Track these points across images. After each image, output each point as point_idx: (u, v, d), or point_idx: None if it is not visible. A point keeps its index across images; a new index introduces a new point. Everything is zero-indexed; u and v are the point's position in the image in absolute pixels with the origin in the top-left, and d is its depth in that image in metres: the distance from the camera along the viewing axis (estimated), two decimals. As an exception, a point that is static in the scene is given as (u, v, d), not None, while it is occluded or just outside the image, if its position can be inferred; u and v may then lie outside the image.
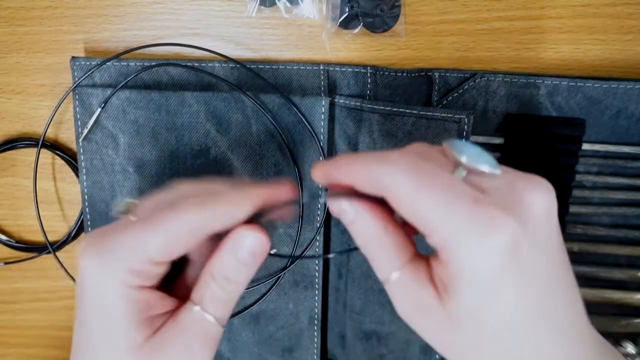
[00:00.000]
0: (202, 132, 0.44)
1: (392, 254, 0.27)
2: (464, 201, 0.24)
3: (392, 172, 0.25)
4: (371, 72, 0.45)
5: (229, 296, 0.30)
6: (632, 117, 0.44)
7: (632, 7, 0.44)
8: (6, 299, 0.53)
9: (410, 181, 0.24)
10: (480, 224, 0.23)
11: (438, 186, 0.24)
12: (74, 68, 0.45)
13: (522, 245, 0.23)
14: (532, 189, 0.25)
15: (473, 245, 0.23)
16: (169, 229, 0.28)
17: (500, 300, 0.24)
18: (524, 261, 0.24)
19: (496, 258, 0.23)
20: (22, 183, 0.50)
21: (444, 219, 0.24)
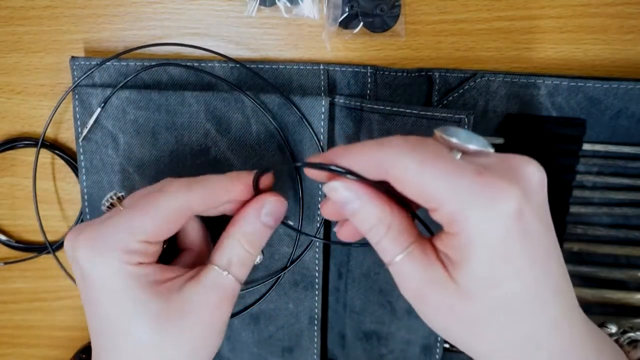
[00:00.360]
0: (202, 132, 0.44)
1: (398, 236, 0.28)
2: (469, 174, 0.25)
3: (396, 153, 0.26)
4: (371, 72, 0.45)
5: (249, 257, 0.33)
6: (633, 117, 0.44)
7: (632, 7, 0.44)
8: (6, 299, 0.53)
9: (415, 159, 0.25)
10: (486, 192, 0.24)
11: (442, 162, 0.25)
12: (74, 68, 0.45)
13: (525, 211, 0.25)
14: (526, 163, 0.27)
15: (481, 212, 0.24)
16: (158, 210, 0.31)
17: (509, 263, 0.25)
18: (528, 225, 0.25)
19: (504, 222, 0.24)
20: (22, 183, 0.50)
21: (451, 191, 0.25)
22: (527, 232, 0.25)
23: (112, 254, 0.30)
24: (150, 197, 0.32)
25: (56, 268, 0.49)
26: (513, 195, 0.24)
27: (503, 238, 0.25)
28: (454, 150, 0.27)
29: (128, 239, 0.30)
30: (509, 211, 0.24)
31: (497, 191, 0.24)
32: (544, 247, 0.26)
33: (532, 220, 0.25)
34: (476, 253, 0.25)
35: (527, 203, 0.25)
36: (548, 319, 0.26)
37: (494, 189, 0.24)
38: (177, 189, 0.32)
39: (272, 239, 0.45)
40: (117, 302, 0.30)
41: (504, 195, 0.24)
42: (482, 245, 0.25)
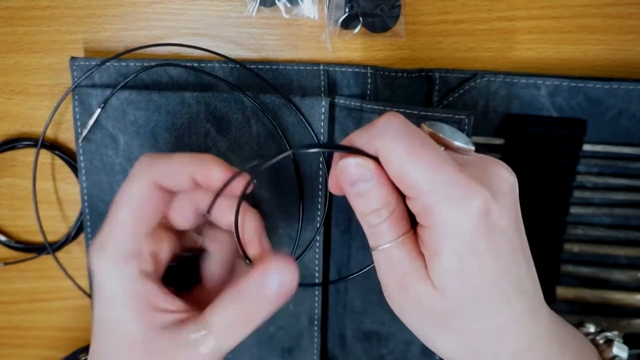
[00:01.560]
0: (202, 132, 0.44)
1: (397, 223, 0.29)
2: (450, 169, 0.26)
3: (387, 135, 0.27)
4: (371, 72, 0.45)
5: (241, 328, 0.30)
6: (634, 117, 0.44)
7: (632, 7, 0.44)
8: (5, 300, 0.53)
9: (404, 145, 0.27)
10: (462, 189, 0.26)
11: (428, 153, 0.27)
12: (74, 68, 0.45)
13: (492, 211, 0.26)
14: (500, 168, 0.28)
15: (454, 207, 0.26)
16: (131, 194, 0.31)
17: (476, 257, 0.27)
18: (494, 224, 0.27)
19: (472, 219, 0.26)
20: (22, 183, 0.50)
21: (431, 183, 0.26)
22: (493, 230, 0.27)
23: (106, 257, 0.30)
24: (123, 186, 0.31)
25: (56, 268, 0.49)
26: (483, 195, 0.26)
27: (471, 233, 0.26)
28: None
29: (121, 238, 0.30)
30: (478, 209, 0.26)
31: (471, 190, 0.26)
32: (510, 245, 0.28)
33: (498, 220, 0.27)
34: (447, 245, 0.27)
35: (495, 204, 0.27)
36: (513, 315, 0.28)
37: (468, 188, 0.26)
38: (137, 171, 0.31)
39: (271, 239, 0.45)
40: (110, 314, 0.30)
41: (475, 194, 0.26)
42: (452, 238, 0.27)
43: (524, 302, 0.28)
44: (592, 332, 0.36)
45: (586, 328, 0.37)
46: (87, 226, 0.47)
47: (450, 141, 0.29)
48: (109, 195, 0.46)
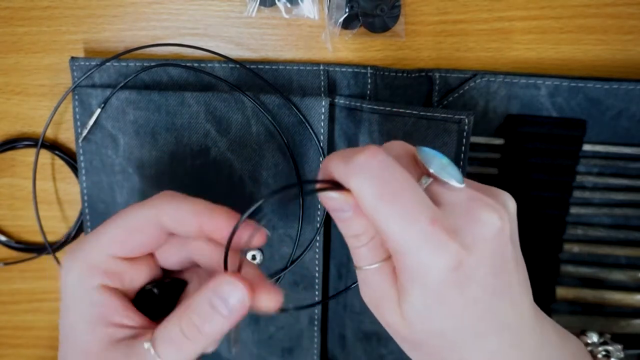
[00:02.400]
0: (202, 132, 0.44)
1: (377, 249, 0.29)
2: (422, 220, 0.25)
3: (358, 175, 0.26)
4: (371, 73, 0.45)
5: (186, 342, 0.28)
6: (634, 117, 0.44)
7: (632, 7, 0.44)
8: (5, 300, 0.53)
9: (374, 188, 0.26)
10: (430, 244, 0.25)
11: (400, 199, 0.26)
12: (74, 68, 0.45)
13: (465, 264, 0.26)
14: (485, 211, 0.27)
15: (422, 261, 0.26)
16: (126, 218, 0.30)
17: (444, 305, 0.26)
18: (466, 276, 0.26)
19: (441, 274, 0.26)
20: (22, 183, 0.50)
21: (401, 233, 0.25)
22: (465, 282, 0.26)
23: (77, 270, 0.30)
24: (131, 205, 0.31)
25: (56, 268, 0.49)
26: (452, 251, 0.25)
27: (438, 284, 0.26)
28: (425, 176, 0.28)
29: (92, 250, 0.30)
30: (446, 265, 0.25)
31: (440, 246, 0.25)
32: (489, 289, 0.27)
33: (474, 271, 0.26)
34: (414, 290, 0.27)
35: (469, 256, 0.26)
36: (487, 349, 0.28)
37: (438, 243, 0.25)
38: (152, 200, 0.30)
39: (271, 239, 0.45)
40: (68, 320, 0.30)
41: (443, 251, 0.25)
42: (419, 285, 0.26)
43: (502, 337, 0.28)
44: (594, 343, 0.36)
45: (588, 337, 0.36)
46: (87, 226, 0.47)
47: (439, 177, 0.27)
48: (109, 196, 0.46)
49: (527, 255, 0.46)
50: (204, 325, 0.28)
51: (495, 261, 0.27)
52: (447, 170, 0.27)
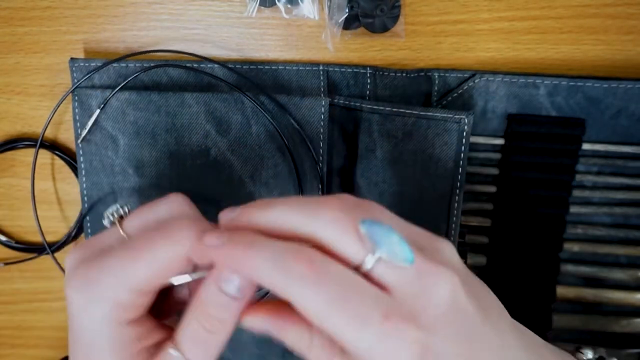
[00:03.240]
0: (201, 133, 0.44)
1: (326, 348, 0.27)
2: (375, 318, 0.24)
3: (301, 288, 0.24)
4: (370, 73, 0.45)
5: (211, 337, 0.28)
6: (633, 116, 0.44)
7: (632, 8, 0.44)
8: (5, 300, 0.53)
9: (321, 299, 0.24)
10: (390, 340, 0.24)
11: (350, 303, 0.24)
12: (73, 69, 0.45)
13: (430, 346, 0.25)
14: (438, 282, 0.26)
15: (385, 358, 0.24)
16: (156, 255, 0.27)
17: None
18: (436, 353, 0.25)
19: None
20: (22, 183, 0.50)
21: (356, 336, 0.24)
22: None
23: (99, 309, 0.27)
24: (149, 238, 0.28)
25: (56, 269, 0.49)
26: (414, 341, 0.24)
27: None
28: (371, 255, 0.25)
29: (118, 290, 0.27)
30: (412, 356, 0.24)
31: (400, 340, 0.24)
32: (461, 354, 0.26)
33: (440, 347, 0.25)
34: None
35: (432, 336, 0.25)
36: None
37: (398, 336, 0.24)
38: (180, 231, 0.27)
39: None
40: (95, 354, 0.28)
41: (406, 344, 0.24)
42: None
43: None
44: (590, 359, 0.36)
45: (583, 355, 0.36)
46: (87, 227, 0.47)
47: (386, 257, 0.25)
48: (108, 196, 0.46)
49: (528, 255, 0.46)
50: (222, 313, 0.27)
51: (457, 325, 0.26)
52: (398, 251, 0.25)
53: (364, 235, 0.25)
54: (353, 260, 0.25)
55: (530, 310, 0.46)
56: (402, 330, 0.24)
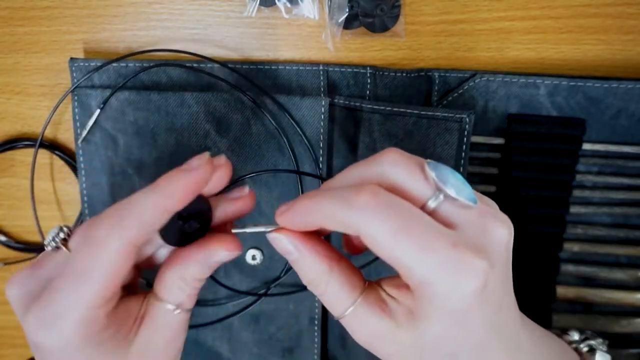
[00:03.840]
0: (201, 132, 0.44)
1: (342, 293, 0.28)
2: (443, 246, 0.25)
3: (367, 216, 0.25)
4: (371, 73, 0.45)
5: (196, 291, 0.31)
6: (633, 116, 0.44)
7: (633, 7, 0.44)
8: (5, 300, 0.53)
9: (388, 227, 0.25)
10: (457, 268, 0.25)
11: (416, 230, 0.25)
12: (73, 69, 0.45)
13: (488, 282, 0.25)
14: (499, 225, 0.27)
15: (449, 287, 0.25)
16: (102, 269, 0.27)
17: (463, 327, 0.26)
18: (489, 293, 0.26)
19: (468, 297, 0.25)
20: (21, 183, 0.50)
21: (423, 264, 0.25)
22: (486, 301, 0.26)
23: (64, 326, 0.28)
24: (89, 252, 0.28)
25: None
26: (481, 271, 0.25)
27: (464, 310, 0.26)
28: (437, 194, 0.26)
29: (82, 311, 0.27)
30: (475, 289, 0.25)
31: (468, 269, 0.25)
32: (498, 306, 0.27)
33: (493, 287, 0.26)
34: (438, 318, 0.26)
35: (492, 273, 0.26)
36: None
37: (465, 266, 0.25)
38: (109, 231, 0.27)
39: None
40: None
41: (473, 272, 0.25)
42: (444, 314, 0.26)
43: (503, 349, 0.28)
44: (576, 340, 0.37)
45: (570, 336, 0.37)
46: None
47: (453, 194, 0.26)
48: (108, 197, 0.46)
49: (528, 255, 0.46)
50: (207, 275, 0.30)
51: (506, 273, 0.27)
52: (463, 190, 0.26)
53: (430, 174, 0.26)
54: (420, 198, 0.26)
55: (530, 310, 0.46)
56: (470, 260, 0.25)
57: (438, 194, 0.26)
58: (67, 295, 0.27)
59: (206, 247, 0.30)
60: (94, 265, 0.27)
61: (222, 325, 0.47)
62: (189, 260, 0.30)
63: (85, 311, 0.27)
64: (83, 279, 0.27)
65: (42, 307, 0.28)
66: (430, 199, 0.26)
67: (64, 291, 0.27)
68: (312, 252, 0.28)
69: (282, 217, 0.28)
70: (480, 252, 0.25)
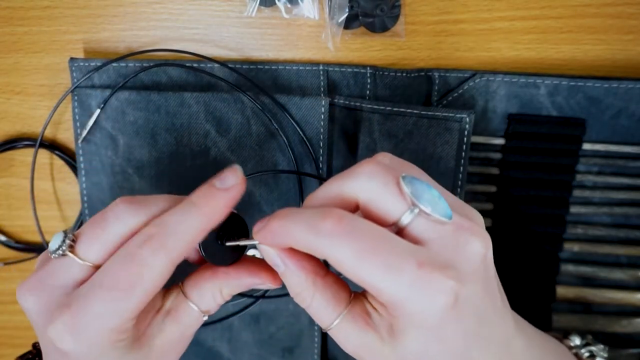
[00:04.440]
0: (201, 132, 0.44)
1: (327, 307, 0.29)
2: (409, 267, 0.25)
3: (331, 243, 0.25)
4: (371, 73, 0.45)
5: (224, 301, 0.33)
6: (633, 116, 0.44)
7: (633, 7, 0.44)
8: (5, 300, 0.53)
9: (351, 251, 0.25)
10: (424, 287, 0.25)
11: (382, 252, 0.25)
12: (73, 69, 0.45)
13: (460, 296, 0.25)
14: (473, 239, 0.27)
15: (419, 306, 0.25)
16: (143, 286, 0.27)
17: (442, 342, 0.26)
18: (462, 308, 0.26)
19: (440, 314, 0.25)
20: (21, 183, 0.50)
21: (390, 284, 0.25)
22: (461, 313, 0.26)
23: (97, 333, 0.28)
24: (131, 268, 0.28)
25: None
26: (449, 288, 0.25)
27: (438, 326, 0.26)
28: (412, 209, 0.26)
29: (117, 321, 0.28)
30: (444, 304, 0.25)
31: (434, 287, 0.25)
32: (480, 316, 0.27)
33: (468, 300, 0.26)
34: (413, 334, 0.26)
35: (464, 287, 0.26)
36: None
37: (432, 284, 0.25)
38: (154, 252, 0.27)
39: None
40: None
41: (440, 289, 0.25)
42: (418, 329, 0.26)
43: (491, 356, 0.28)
44: (577, 345, 0.37)
45: (571, 341, 0.37)
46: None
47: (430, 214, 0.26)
48: (108, 196, 0.46)
49: (528, 255, 0.46)
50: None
51: (484, 287, 0.27)
52: (437, 205, 0.26)
53: (404, 189, 0.26)
54: (394, 213, 0.27)
55: (530, 310, 0.46)
56: (436, 278, 0.25)
57: (413, 208, 0.26)
58: (104, 305, 0.27)
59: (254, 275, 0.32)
60: (136, 281, 0.27)
61: (222, 325, 0.47)
62: (233, 279, 0.32)
63: (120, 321, 0.28)
64: (124, 294, 0.27)
65: (74, 315, 0.28)
66: (405, 213, 0.26)
67: (101, 301, 0.27)
68: (297, 266, 0.29)
69: (258, 235, 0.28)
70: (448, 268, 0.25)
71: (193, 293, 0.32)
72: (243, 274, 0.32)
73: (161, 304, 0.32)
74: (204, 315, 0.32)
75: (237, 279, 0.32)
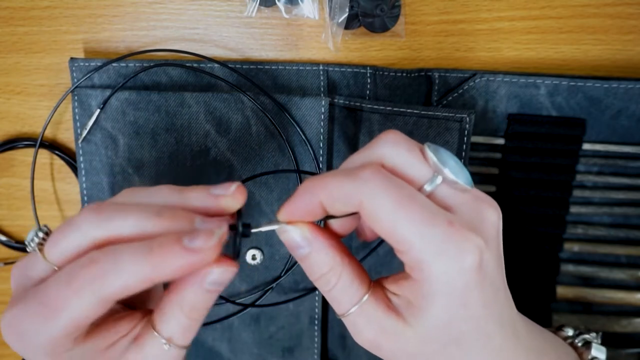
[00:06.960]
0: (201, 132, 0.44)
1: (350, 286, 0.28)
2: (441, 222, 0.26)
3: (371, 188, 0.26)
4: (371, 73, 0.45)
5: (193, 324, 0.28)
6: (633, 116, 0.44)
7: (632, 7, 0.44)
8: (6, 300, 0.53)
9: (391, 198, 0.26)
10: (454, 245, 0.25)
11: (416, 206, 0.26)
12: (73, 69, 0.45)
13: (484, 260, 0.26)
14: (490, 209, 0.28)
15: (447, 265, 0.26)
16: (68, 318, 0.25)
17: (467, 308, 0.27)
18: (486, 272, 0.26)
19: (466, 275, 0.26)
20: (21, 183, 0.50)
21: (422, 239, 0.25)
22: (484, 280, 0.26)
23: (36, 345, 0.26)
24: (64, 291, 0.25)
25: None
26: (476, 248, 0.26)
27: (464, 288, 0.26)
28: (436, 175, 0.27)
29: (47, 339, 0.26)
30: (472, 264, 0.26)
31: (464, 245, 0.26)
32: (495, 287, 0.27)
33: (488, 267, 0.27)
34: (438, 301, 0.26)
35: (487, 251, 0.26)
36: (493, 349, 0.28)
37: (461, 243, 0.26)
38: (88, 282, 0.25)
39: (272, 239, 0.45)
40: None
41: (469, 248, 0.26)
42: (444, 294, 0.26)
43: (503, 333, 0.28)
44: (571, 336, 0.37)
45: (565, 332, 0.37)
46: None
47: (451, 177, 0.27)
48: (109, 196, 0.46)
49: (528, 255, 0.46)
50: (205, 306, 0.27)
51: (497, 258, 0.28)
52: (461, 173, 0.27)
53: (430, 156, 0.27)
54: (419, 179, 0.27)
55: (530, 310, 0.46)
56: (466, 236, 0.26)
57: (437, 175, 0.27)
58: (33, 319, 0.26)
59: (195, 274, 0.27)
60: (63, 306, 0.25)
61: (222, 325, 0.47)
62: (185, 285, 0.27)
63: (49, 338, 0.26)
64: (52, 314, 0.25)
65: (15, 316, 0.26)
66: (429, 180, 0.27)
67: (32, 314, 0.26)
68: (326, 243, 0.28)
69: (285, 208, 0.28)
70: (476, 229, 0.26)
71: (157, 316, 0.28)
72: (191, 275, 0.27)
73: (131, 327, 0.28)
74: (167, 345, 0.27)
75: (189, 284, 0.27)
